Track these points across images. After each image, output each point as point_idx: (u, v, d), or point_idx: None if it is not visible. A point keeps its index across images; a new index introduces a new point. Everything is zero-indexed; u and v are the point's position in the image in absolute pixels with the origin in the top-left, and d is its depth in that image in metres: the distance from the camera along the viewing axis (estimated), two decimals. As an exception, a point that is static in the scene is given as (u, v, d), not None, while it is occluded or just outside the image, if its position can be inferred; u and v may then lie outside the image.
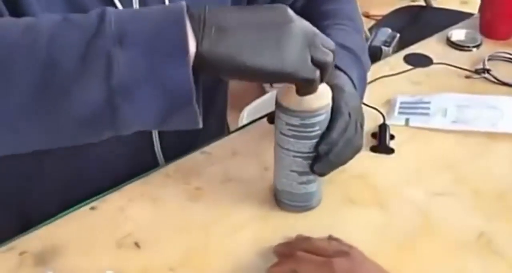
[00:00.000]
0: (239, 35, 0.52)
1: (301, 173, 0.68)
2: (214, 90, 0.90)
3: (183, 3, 0.51)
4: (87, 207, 0.73)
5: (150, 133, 0.80)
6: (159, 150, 0.82)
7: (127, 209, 0.73)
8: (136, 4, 0.68)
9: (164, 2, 0.71)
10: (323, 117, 0.64)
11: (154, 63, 0.49)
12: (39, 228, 0.71)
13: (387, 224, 0.71)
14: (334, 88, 0.66)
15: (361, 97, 0.77)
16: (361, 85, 0.76)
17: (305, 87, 0.58)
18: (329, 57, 0.57)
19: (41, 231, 0.70)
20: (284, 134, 0.66)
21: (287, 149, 0.67)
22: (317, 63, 0.56)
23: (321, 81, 0.58)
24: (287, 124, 0.65)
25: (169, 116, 0.52)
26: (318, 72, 0.56)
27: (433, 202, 0.74)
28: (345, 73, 0.73)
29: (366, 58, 0.82)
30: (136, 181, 0.78)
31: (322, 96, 0.63)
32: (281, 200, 0.73)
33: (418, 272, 0.65)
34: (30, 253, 0.68)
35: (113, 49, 0.48)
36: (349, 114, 0.67)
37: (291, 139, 0.66)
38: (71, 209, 0.73)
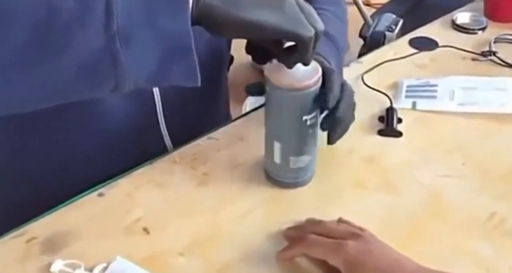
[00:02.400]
0: None
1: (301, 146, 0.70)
2: (221, 75, 0.89)
3: None
4: (95, 194, 0.73)
5: (156, 115, 0.79)
6: (166, 133, 0.81)
7: (135, 195, 0.73)
8: None
9: None
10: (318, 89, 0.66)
11: (152, 8, 0.50)
12: (47, 215, 0.70)
13: (397, 206, 0.71)
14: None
15: None
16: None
17: (302, 47, 0.58)
18: (321, 25, 0.58)
19: (49, 218, 0.70)
20: (286, 111, 0.66)
21: (286, 124, 0.67)
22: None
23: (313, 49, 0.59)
24: (291, 100, 0.65)
25: (168, 64, 0.52)
26: (313, 33, 0.57)
27: (442, 183, 0.74)
28: (325, 59, 0.73)
29: (344, 44, 0.83)
30: (143, 168, 0.77)
31: (317, 68, 0.65)
32: (275, 178, 0.73)
33: (430, 254, 0.64)
34: (38, 240, 0.67)
35: None
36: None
37: (294, 114, 0.66)
38: (78, 196, 0.72)
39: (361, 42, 1.64)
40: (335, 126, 0.71)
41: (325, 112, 0.70)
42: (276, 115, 0.68)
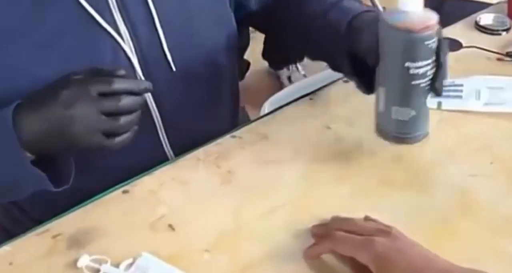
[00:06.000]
0: (41, 134, 0.62)
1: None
2: (220, 92, 0.88)
3: (9, 117, 0.61)
4: (119, 191, 0.73)
5: (157, 133, 0.80)
6: (166, 142, 0.81)
7: (159, 192, 0.73)
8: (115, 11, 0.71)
9: (147, 2, 0.72)
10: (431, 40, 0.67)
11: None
12: (72, 212, 0.70)
13: (425, 205, 0.70)
14: None
15: None
16: None
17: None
18: (116, 123, 0.63)
19: (74, 215, 0.70)
20: (390, 54, 0.67)
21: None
22: (107, 133, 0.63)
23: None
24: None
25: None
26: (112, 141, 0.63)
27: (470, 183, 0.73)
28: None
29: None
30: (167, 165, 0.77)
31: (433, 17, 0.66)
32: (382, 129, 0.74)
33: (459, 252, 0.63)
34: (63, 236, 0.67)
35: None
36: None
37: (397, 59, 0.67)
38: (103, 193, 0.72)
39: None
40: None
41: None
42: (383, 58, 0.68)
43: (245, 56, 2.19)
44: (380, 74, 0.70)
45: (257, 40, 2.21)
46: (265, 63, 2.34)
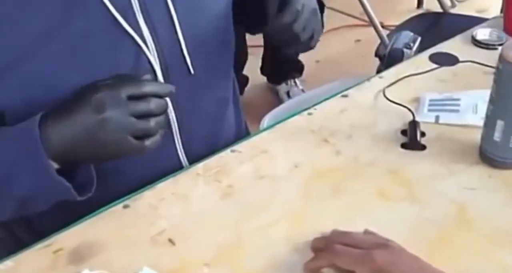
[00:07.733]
0: (73, 141, 0.62)
1: None
2: (227, 98, 0.89)
3: (36, 128, 0.61)
4: (120, 206, 0.73)
5: (173, 140, 0.80)
6: (182, 151, 0.81)
7: (160, 207, 0.73)
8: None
9: (167, 3, 0.72)
10: None
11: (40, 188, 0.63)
12: (73, 226, 0.71)
13: (422, 218, 0.70)
14: None
15: None
16: None
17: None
18: (148, 124, 0.63)
19: (75, 229, 0.70)
20: None
21: None
22: (138, 135, 0.63)
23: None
24: None
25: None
26: (142, 143, 0.63)
27: (468, 196, 0.73)
28: None
29: None
30: (167, 180, 0.77)
31: None
32: (493, 157, 0.77)
33: (457, 265, 0.63)
34: (65, 251, 0.67)
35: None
36: None
37: None
38: (104, 208, 0.73)
39: (377, 61, 1.66)
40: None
41: None
42: (502, 94, 0.72)
43: (244, 71, 2.21)
44: (497, 109, 0.74)
45: (255, 56, 2.23)
46: (264, 79, 2.36)
